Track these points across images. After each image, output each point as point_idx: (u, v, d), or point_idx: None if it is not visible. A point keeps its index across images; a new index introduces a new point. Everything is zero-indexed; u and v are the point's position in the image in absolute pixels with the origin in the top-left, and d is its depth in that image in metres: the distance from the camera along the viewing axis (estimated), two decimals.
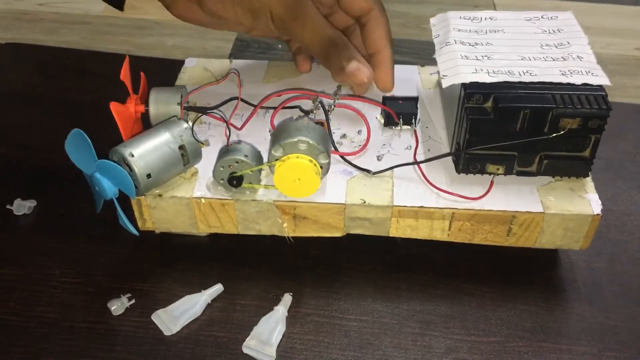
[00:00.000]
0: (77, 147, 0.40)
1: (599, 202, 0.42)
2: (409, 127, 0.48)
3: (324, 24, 0.45)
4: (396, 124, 0.48)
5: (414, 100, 0.48)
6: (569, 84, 0.41)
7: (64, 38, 0.74)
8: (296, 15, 0.44)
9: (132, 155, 0.40)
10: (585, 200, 0.42)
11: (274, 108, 0.48)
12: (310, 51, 0.47)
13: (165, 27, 0.77)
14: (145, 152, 0.41)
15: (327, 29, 0.45)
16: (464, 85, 0.42)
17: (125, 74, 0.45)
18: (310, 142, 0.41)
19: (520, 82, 0.41)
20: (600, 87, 0.41)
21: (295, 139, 0.41)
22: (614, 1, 0.89)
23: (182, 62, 0.56)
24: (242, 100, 0.48)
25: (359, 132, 0.48)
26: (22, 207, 0.48)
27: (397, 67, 0.55)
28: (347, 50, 0.45)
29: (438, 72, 0.45)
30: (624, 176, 0.53)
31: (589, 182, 0.43)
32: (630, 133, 0.57)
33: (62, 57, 0.68)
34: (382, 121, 0.48)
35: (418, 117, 0.48)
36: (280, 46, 0.73)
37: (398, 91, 0.51)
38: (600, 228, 0.44)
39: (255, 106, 0.48)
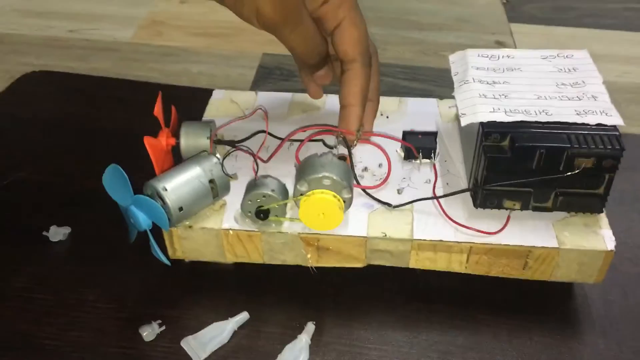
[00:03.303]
0: (114, 181, 0.42)
1: (613, 238, 0.43)
2: (428, 160, 0.50)
3: (314, 32, 0.44)
4: (416, 158, 0.49)
5: (433, 135, 0.50)
6: (583, 123, 0.43)
7: (93, 65, 0.77)
8: (287, 21, 0.42)
9: (166, 189, 0.42)
10: (600, 236, 0.44)
11: (299, 141, 0.50)
12: (293, 52, 0.45)
13: (191, 54, 0.80)
14: (177, 186, 0.43)
15: (316, 37, 0.45)
16: (481, 124, 0.43)
17: (158, 110, 0.47)
18: (335, 178, 0.43)
19: (536, 122, 0.43)
20: (614, 127, 0.43)
21: (320, 175, 0.43)
22: (629, 28, 0.90)
23: (207, 91, 0.59)
24: (269, 134, 0.50)
25: (380, 165, 0.50)
26: (57, 233, 0.51)
27: (417, 100, 0.57)
28: (326, 58, 0.47)
29: (456, 106, 0.47)
30: (638, 209, 0.54)
31: (603, 217, 0.45)
32: None
33: (93, 85, 0.70)
34: (402, 155, 0.50)
35: (437, 151, 0.50)
36: None
37: (417, 124, 0.53)
38: (615, 261, 0.46)
39: (281, 139, 0.50)
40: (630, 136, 0.63)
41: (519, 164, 0.43)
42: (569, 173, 0.42)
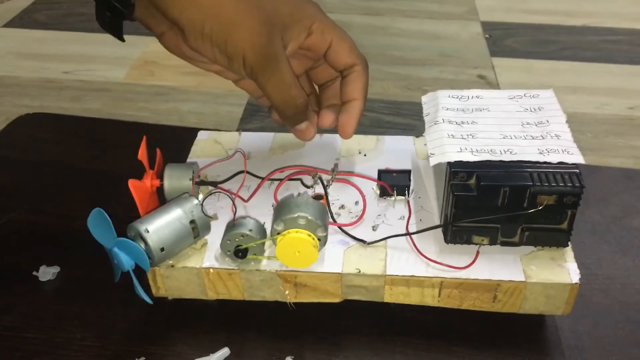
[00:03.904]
0: (98, 224, 0.44)
1: (578, 271, 0.45)
2: (402, 197, 0.52)
3: (291, 81, 0.47)
4: (391, 195, 0.51)
5: (407, 173, 0.52)
6: (546, 162, 0.45)
7: (86, 105, 0.79)
8: (265, 67, 0.45)
9: (148, 231, 0.44)
10: (565, 269, 0.45)
11: (279, 180, 0.52)
12: (270, 102, 0.48)
13: (181, 93, 0.82)
14: (159, 228, 0.45)
15: (293, 88, 0.47)
16: (449, 163, 0.45)
17: (142, 154, 0.49)
18: (309, 217, 0.45)
19: (501, 161, 0.45)
20: (574, 165, 0.45)
21: (295, 215, 0.45)
22: (608, 60, 0.93)
23: (194, 130, 0.61)
24: (249, 172, 0.53)
25: (356, 202, 0.52)
26: (47, 273, 0.52)
27: (393, 138, 0.60)
28: (304, 112, 0.49)
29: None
30: (609, 240, 0.56)
31: (569, 251, 0.47)
32: (617, 197, 0.60)
33: (85, 126, 0.73)
34: (378, 192, 0.52)
35: (411, 188, 0.52)
36: None
37: (394, 162, 0.55)
38: (585, 292, 0.47)
39: (261, 179, 0.52)
40: (604, 169, 0.65)
41: (486, 201, 0.45)
42: (533, 210, 0.44)
